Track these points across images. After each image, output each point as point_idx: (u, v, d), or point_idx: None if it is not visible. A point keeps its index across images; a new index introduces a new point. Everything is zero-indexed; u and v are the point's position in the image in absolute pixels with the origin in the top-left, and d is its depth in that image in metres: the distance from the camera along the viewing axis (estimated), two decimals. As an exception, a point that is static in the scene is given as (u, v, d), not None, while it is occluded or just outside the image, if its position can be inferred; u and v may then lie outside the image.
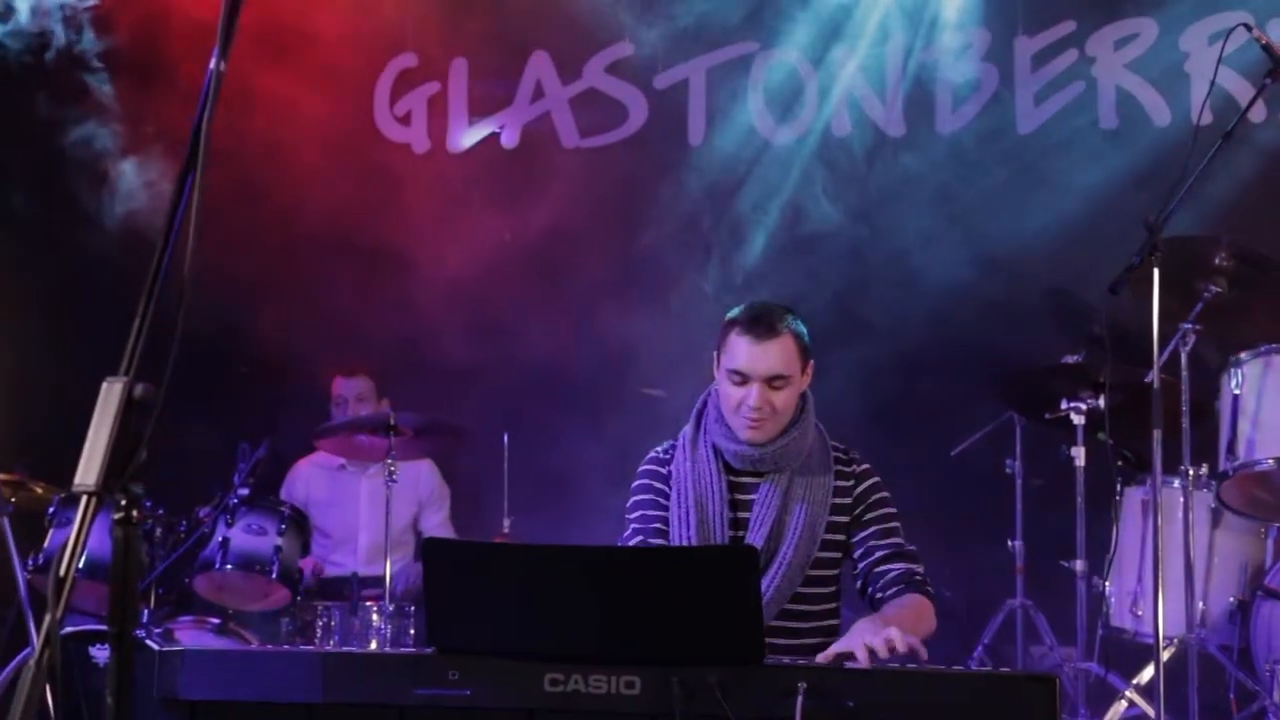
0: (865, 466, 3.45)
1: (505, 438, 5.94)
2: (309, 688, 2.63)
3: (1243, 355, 4.77)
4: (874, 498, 3.41)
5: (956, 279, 6.27)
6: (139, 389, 1.62)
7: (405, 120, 7.05)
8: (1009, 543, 5.69)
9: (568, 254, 6.52)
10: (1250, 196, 5.94)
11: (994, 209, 6.37)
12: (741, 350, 3.30)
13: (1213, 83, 4.38)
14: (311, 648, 4.46)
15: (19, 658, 4.86)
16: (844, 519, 3.38)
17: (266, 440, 5.40)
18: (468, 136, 7.02)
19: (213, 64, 1.77)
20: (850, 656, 2.76)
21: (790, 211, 6.63)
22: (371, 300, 6.49)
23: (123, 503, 1.61)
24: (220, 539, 5.17)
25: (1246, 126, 4.96)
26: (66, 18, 6.02)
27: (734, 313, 3.39)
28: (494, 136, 6.99)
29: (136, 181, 6.11)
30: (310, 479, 6.00)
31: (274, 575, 5.20)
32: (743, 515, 3.36)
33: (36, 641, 1.52)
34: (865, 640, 2.76)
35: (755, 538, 3.30)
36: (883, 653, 2.73)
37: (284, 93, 6.26)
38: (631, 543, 3.41)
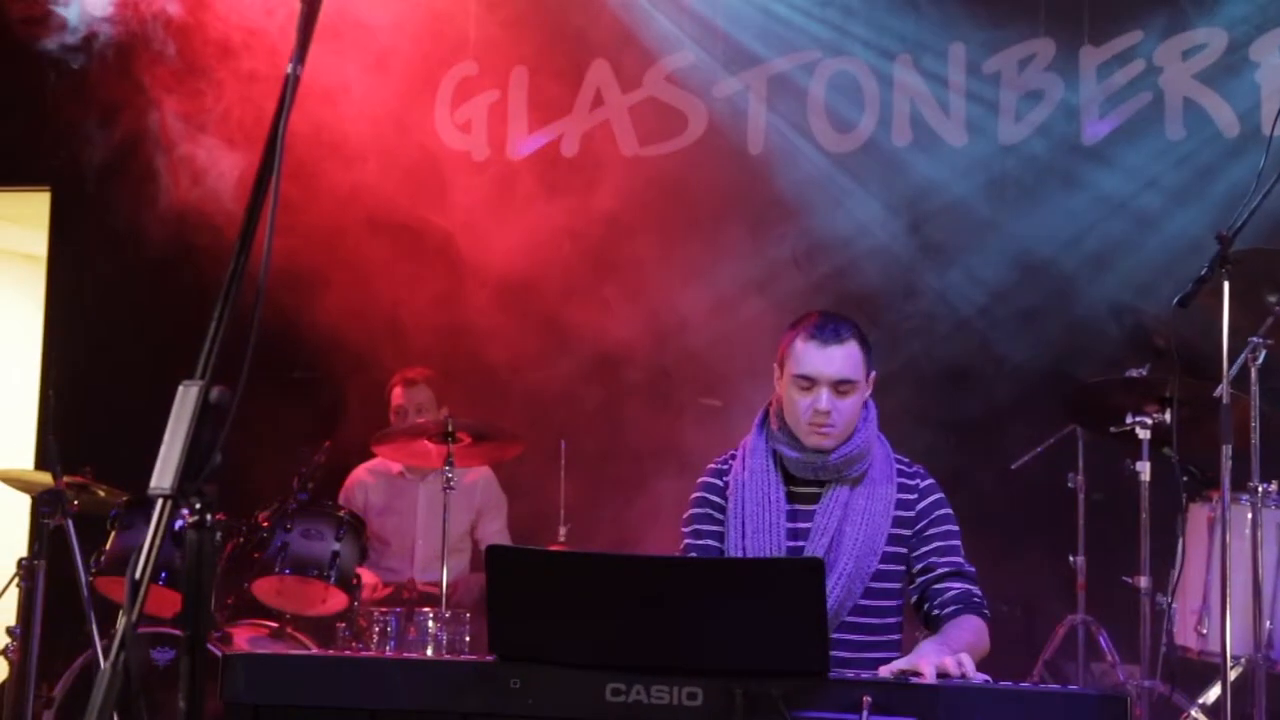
0: (930, 481, 3.41)
1: (563, 445, 5.94)
2: (371, 693, 2.63)
3: (1314, 370, 4.69)
4: (937, 514, 3.37)
5: (1018, 291, 6.21)
6: (214, 392, 1.62)
7: (465, 128, 7.08)
8: (1070, 558, 5.62)
9: (627, 263, 6.51)
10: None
11: (1058, 221, 6.30)
12: (809, 355, 3.28)
13: (1285, 92, 4.32)
14: (373, 653, 4.47)
15: (80, 659, 4.90)
16: (906, 532, 3.34)
17: (325, 444, 5.43)
18: (527, 144, 7.03)
19: (290, 68, 1.77)
20: (915, 674, 2.72)
21: (851, 222, 6.59)
22: (430, 305, 6.50)
23: (197, 506, 1.61)
24: (279, 543, 5.20)
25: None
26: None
27: (797, 320, 3.38)
28: (553, 144, 7.00)
29: (188, 175, 6.15)
30: (368, 486, 6.02)
31: (331, 580, 5.21)
32: (803, 525, 3.33)
33: (99, 644, 1.52)
34: (935, 660, 2.72)
35: (815, 549, 3.27)
36: (954, 674, 2.69)
37: (346, 103, 6.30)
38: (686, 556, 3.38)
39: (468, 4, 6.88)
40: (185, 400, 1.62)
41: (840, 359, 3.27)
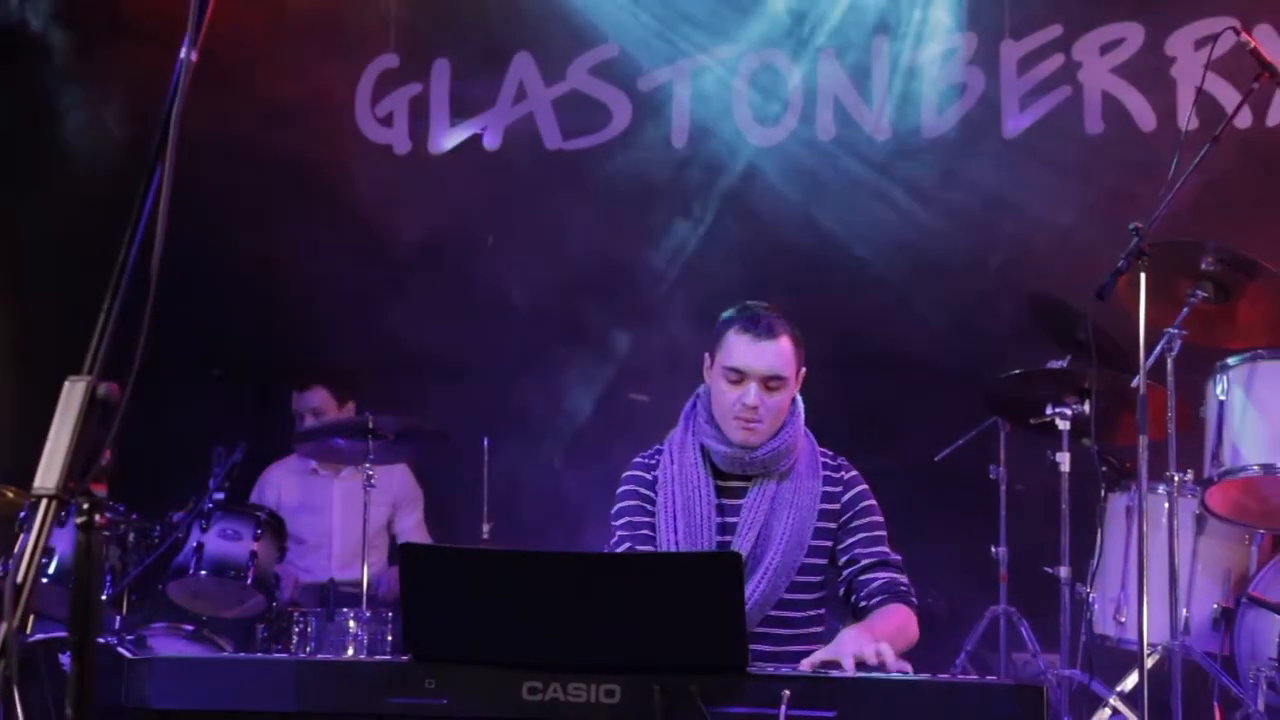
0: (854, 474, 3.42)
1: (485, 442, 5.89)
2: (282, 696, 2.57)
3: (1229, 361, 4.75)
4: (861, 505, 3.37)
5: (941, 283, 6.24)
6: (102, 389, 1.56)
7: (387, 121, 7.00)
8: (992, 549, 5.65)
9: (550, 258, 6.47)
10: (1236, 201, 5.92)
11: (978, 213, 6.34)
12: (740, 348, 3.26)
13: (1199, 88, 4.37)
14: (285, 655, 4.40)
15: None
16: (831, 525, 3.34)
17: (242, 444, 5.34)
18: (449, 138, 6.96)
19: (183, 53, 1.71)
20: (835, 665, 2.71)
21: (774, 215, 6.59)
22: (348, 302, 6.42)
23: (84, 506, 1.55)
24: (194, 544, 5.12)
25: (1233, 130, 4.92)
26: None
27: (730, 313, 3.36)
28: (476, 138, 6.94)
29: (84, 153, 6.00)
30: (282, 483, 5.93)
31: (249, 581, 5.14)
32: (730, 520, 3.31)
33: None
34: (854, 650, 2.71)
35: (742, 543, 3.26)
36: (873, 664, 2.68)
37: (261, 94, 6.20)
38: (620, 549, 3.35)
39: (388, -4, 6.81)
40: (71, 397, 1.56)
41: (772, 354, 3.25)
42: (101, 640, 4.63)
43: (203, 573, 5.11)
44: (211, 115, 5.77)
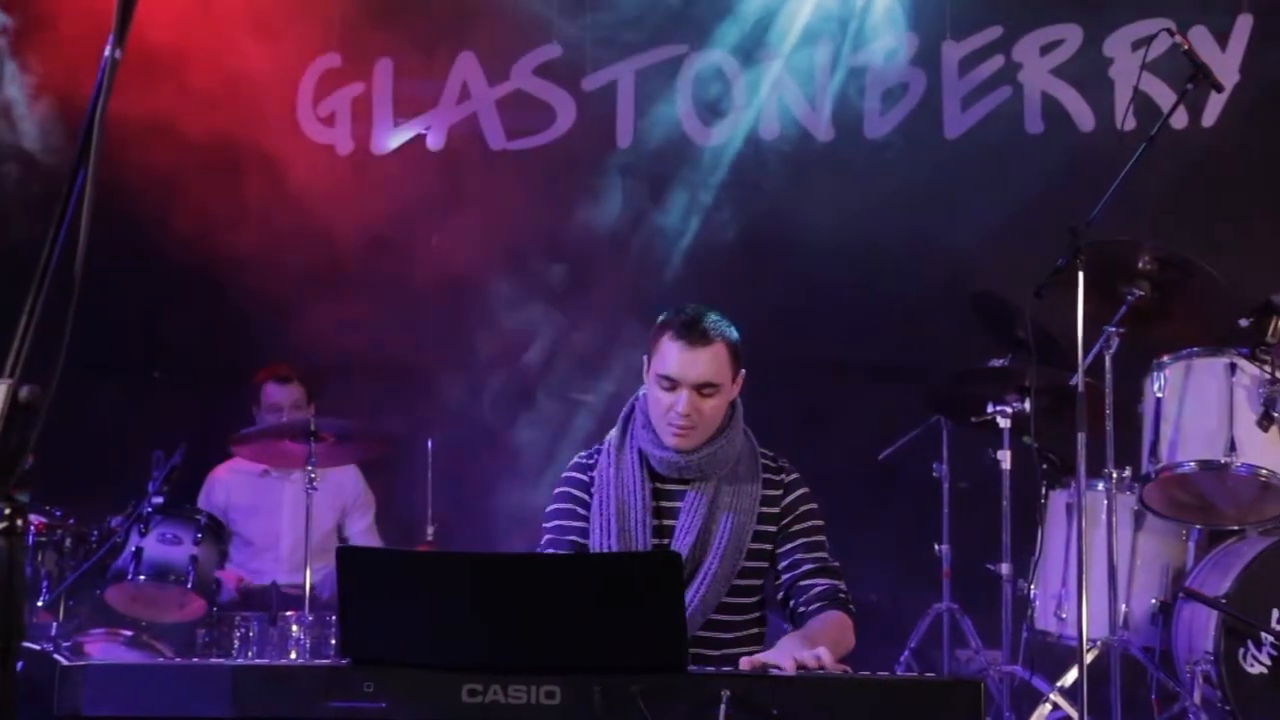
0: (795, 476, 3.39)
1: (429, 444, 5.86)
2: (218, 702, 2.55)
3: (1165, 358, 4.81)
4: (802, 509, 3.35)
5: (884, 283, 6.28)
6: (24, 391, 1.53)
7: (329, 121, 6.95)
8: (936, 546, 5.69)
9: (494, 257, 6.45)
10: (1172, 201, 6.00)
11: (921, 213, 6.38)
12: (673, 355, 3.23)
13: (1136, 88, 4.42)
14: (221, 660, 4.35)
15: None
16: (771, 529, 3.32)
17: (182, 446, 5.28)
18: (393, 138, 6.92)
19: (108, 51, 1.68)
20: (775, 666, 2.72)
21: (717, 215, 6.60)
22: (293, 303, 6.37)
23: (6, 511, 1.52)
24: (133, 549, 5.05)
25: (1169, 131, 4.99)
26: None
27: (666, 316, 3.31)
28: (419, 138, 6.91)
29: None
30: (230, 485, 5.86)
31: (189, 585, 5.08)
32: (667, 523, 3.30)
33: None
34: (795, 655, 2.71)
35: (680, 546, 3.23)
36: (812, 668, 2.69)
37: (202, 92, 6.14)
38: (546, 552, 3.33)
39: (331, -5, 6.75)
40: (-9, 400, 1.53)
41: (705, 361, 3.22)
42: (37, 647, 4.57)
43: (142, 577, 5.05)
44: (152, 115, 5.74)
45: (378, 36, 6.81)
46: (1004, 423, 5.20)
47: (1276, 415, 4.59)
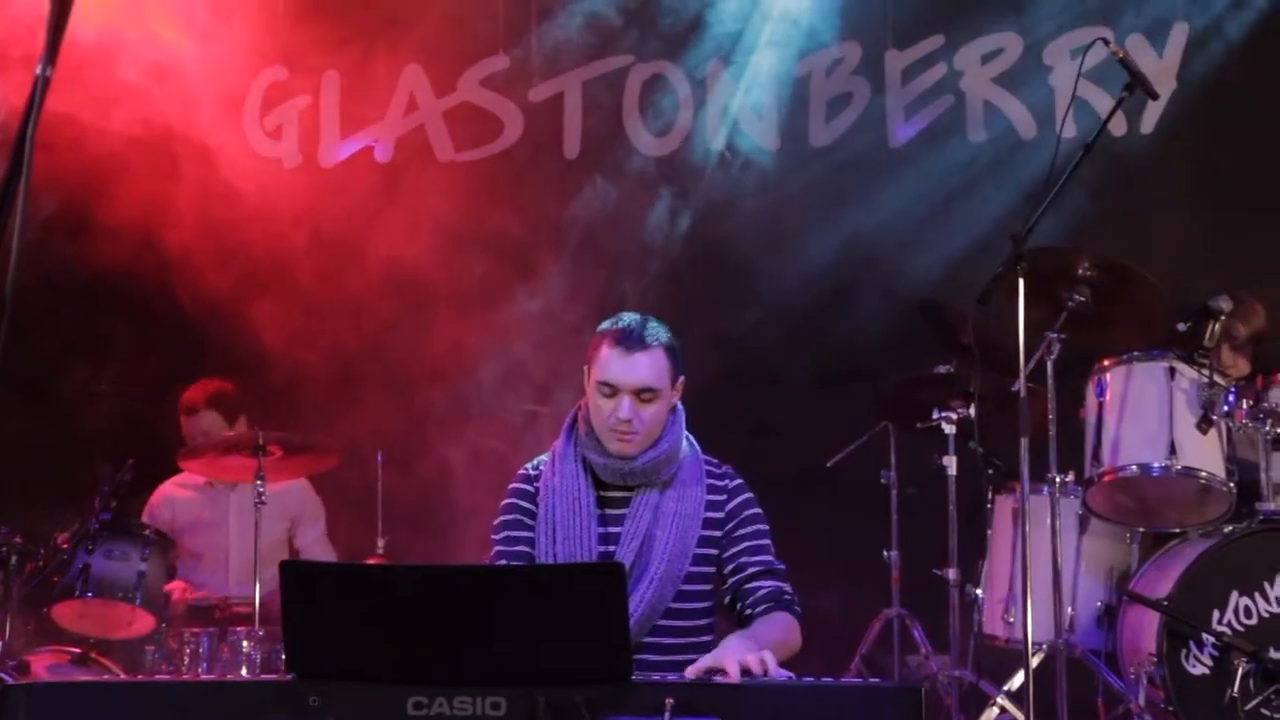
0: (738, 481, 3.42)
1: (379, 456, 5.84)
2: (164, 719, 2.53)
3: (1105, 363, 4.88)
4: (746, 513, 3.38)
5: (830, 291, 6.33)
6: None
7: (275, 134, 6.92)
8: (885, 553, 5.73)
9: (442, 269, 6.44)
10: (1111, 207, 6.09)
11: (867, 221, 6.43)
12: (611, 362, 3.27)
13: (1074, 96, 4.48)
14: (167, 677, 4.32)
15: None
16: (716, 533, 3.35)
17: (129, 462, 5.24)
18: (340, 150, 6.91)
19: (39, 69, 1.68)
20: (720, 671, 2.73)
21: (664, 225, 6.63)
22: (241, 316, 6.34)
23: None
24: (80, 565, 5.01)
25: (1107, 138, 5.05)
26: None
27: (605, 325, 3.37)
28: (367, 150, 6.89)
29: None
30: (176, 501, 5.81)
31: (137, 602, 5.05)
32: (613, 530, 3.32)
33: None
34: (738, 657, 2.73)
35: (625, 553, 3.26)
36: (757, 671, 2.71)
37: (146, 104, 6.09)
38: (497, 564, 3.34)
39: (276, 7, 6.72)
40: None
41: (644, 367, 3.26)
42: (-20, 667, 4.52)
43: (89, 594, 5.01)
44: (97, 134, 5.69)
45: (324, 49, 6.79)
46: (949, 429, 5.26)
47: (1215, 418, 4.67)
